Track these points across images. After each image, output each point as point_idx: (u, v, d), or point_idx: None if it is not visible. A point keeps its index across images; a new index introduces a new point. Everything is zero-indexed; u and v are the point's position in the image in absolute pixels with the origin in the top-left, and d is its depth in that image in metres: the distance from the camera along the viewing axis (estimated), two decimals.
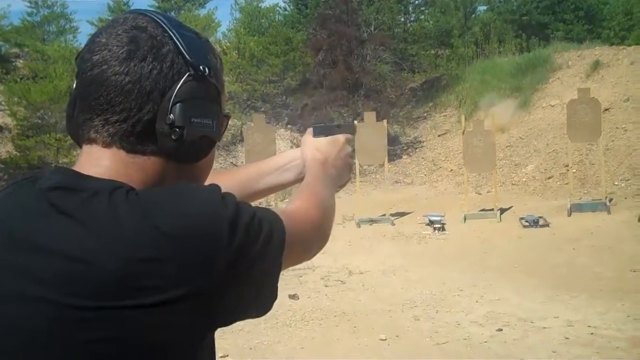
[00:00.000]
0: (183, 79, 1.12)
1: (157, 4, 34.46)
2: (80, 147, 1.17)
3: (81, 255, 0.98)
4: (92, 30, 26.16)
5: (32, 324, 0.99)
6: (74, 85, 1.17)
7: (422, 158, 18.49)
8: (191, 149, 1.14)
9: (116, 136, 1.10)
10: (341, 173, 1.61)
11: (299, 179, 1.60)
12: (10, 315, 1.01)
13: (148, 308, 0.97)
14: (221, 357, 5.97)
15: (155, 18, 1.15)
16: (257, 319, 1.17)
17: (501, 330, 6.66)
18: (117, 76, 1.09)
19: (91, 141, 1.12)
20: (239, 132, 18.62)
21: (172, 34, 1.13)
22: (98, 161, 1.10)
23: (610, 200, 12.29)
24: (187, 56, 1.13)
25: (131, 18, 1.14)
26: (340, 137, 1.61)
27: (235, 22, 28.45)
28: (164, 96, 1.10)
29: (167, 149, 1.12)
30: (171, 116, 1.10)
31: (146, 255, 0.98)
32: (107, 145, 1.10)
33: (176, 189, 1.09)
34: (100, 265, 0.97)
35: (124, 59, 1.09)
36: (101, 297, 0.97)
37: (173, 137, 1.10)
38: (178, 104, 1.10)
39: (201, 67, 1.14)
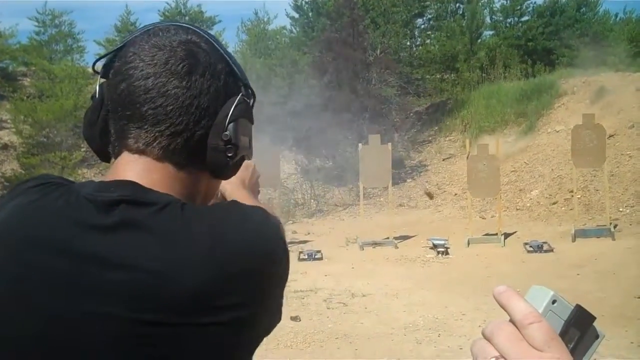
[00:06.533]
0: (238, 99, 1.14)
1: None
2: (102, 153, 1.17)
3: (156, 268, 0.98)
4: (99, 50, 26.15)
5: (97, 341, 0.97)
6: (97, 90, 1.16)
7: (427, 182, 18.47)
8: (234, 166, 1.17)
9: (168, 150, 1.10)
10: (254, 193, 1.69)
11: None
12: (69, 333, 0.98)
13: (223, 325, 0.99)
14: None
15: (204, 35, 1.16)
16: None
17: None
18: (177, 89, 1.09)
19: (140, 152, 1.11)
20: None
21: (223, 53, 1.15)
22: (148, 173, 1.09)
23: (615, 226, 12.25)
24: (239, 76, 1.16)
25: (182, 31, 1.14)
26: (250, 162, 1.65)
27: (241, 43, 28.45)
28: (217, 113, 1.12)
29: (217, 165, 1.14)
30: (227, 133, 1.12)
31: (222, 273, 1.00)
32: (158, 158, 1.10)
33: (238, 208, 1.12)
34: (177, 280, 0.97)
35: (186, 73, 1.10)
36: (178, 313, 0.97)
37: (228, 154, 1.12)
38: (232, 123, 1.12)
39: (250, 89, 1.18)
